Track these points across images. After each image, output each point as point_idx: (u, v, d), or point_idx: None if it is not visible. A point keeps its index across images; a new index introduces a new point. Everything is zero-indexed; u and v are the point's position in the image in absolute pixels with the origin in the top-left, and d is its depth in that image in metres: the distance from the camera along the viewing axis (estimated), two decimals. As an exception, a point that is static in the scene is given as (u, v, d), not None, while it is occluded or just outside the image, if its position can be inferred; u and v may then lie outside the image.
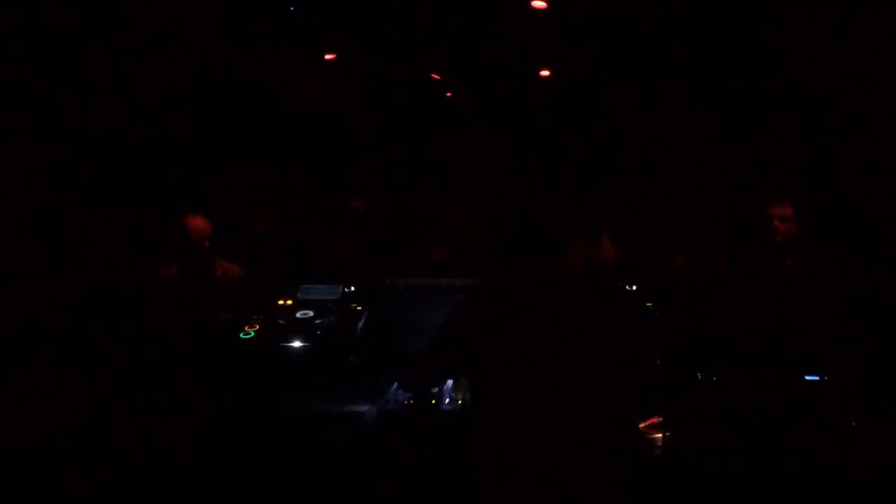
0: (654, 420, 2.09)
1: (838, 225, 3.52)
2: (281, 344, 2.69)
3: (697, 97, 6.03)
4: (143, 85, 4.42)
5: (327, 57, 6.99)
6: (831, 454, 2.01)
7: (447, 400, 2.39)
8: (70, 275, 3.16)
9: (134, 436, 2.35)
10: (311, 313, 2.77)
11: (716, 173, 5.36)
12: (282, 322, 2.76)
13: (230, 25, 5.34)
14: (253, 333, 2.74)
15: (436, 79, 8.01)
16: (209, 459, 2.31)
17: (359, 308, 2.86)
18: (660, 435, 2.06)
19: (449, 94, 8.40)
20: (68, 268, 3.24)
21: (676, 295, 2.61)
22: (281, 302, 2.84)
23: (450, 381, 2.52)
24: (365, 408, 2.48)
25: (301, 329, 2.72)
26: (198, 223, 3.16)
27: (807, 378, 2.19)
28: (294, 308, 2.81)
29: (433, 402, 2.38)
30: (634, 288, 2.60)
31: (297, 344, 2.69)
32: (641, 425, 2.08)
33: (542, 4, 5.41)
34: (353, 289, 2.91)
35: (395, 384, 2.53)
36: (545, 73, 7.63)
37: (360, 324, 2.83)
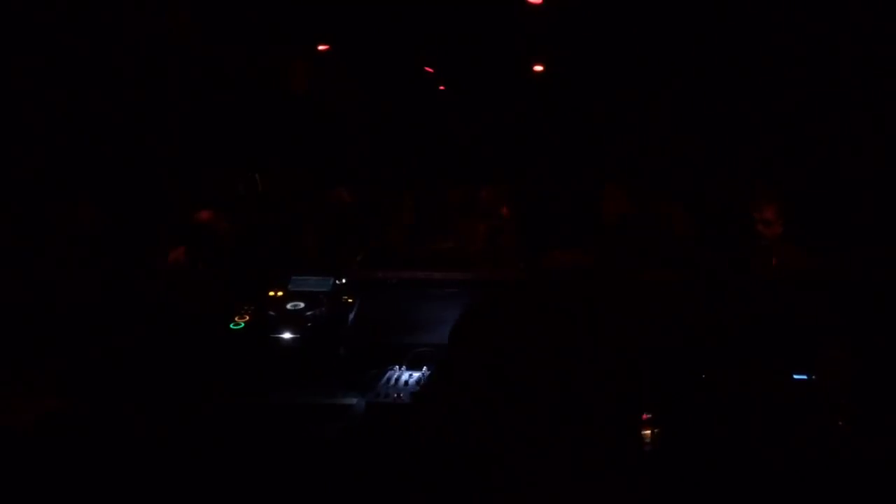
0: (643, 417, 2.10)
1: (829, 224, 3.55)
2: (271, 335, 2.68)
3: (690, 96, 6.05)
4: (134, 75, 4.39)
5: (321, 48, 6.97)
6: (818, 453, 2.03)
7: (437, 393, 2.39)
8: (59, 265, 3.14)
9: (121, 427, 2.34)
10: (301, 305, 2.76)
11: (705, 171, 5.38)
12: (272, 313, 2.75)
13: (223, 15, 5.31)
14: (243, 324, 2.73)
15: (429, 72, 8.02)
16: (197, 450, 2.30)
17: (350, 300, 2.85)
18: (648, 432, 2.07)
19: (442, 88, 8.42)
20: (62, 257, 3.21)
21: (666, 292, 2.61)
22: (272, 293, 2.83)
23: (440, 375, 2.53)
24: (354, 400, 2.48)
25: (292, 321, 2.71)
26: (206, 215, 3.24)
27: (795, 377, 2.21)
28: (285, 299, 2.80)
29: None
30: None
31: (287, 335, 2.68)
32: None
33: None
34: (344, 281, 2.90)
35: (385, 377, 2.54)
36: (539, 67, 7.65)
37: (351, 316, 2.82)
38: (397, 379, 2.51)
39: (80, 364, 2.59)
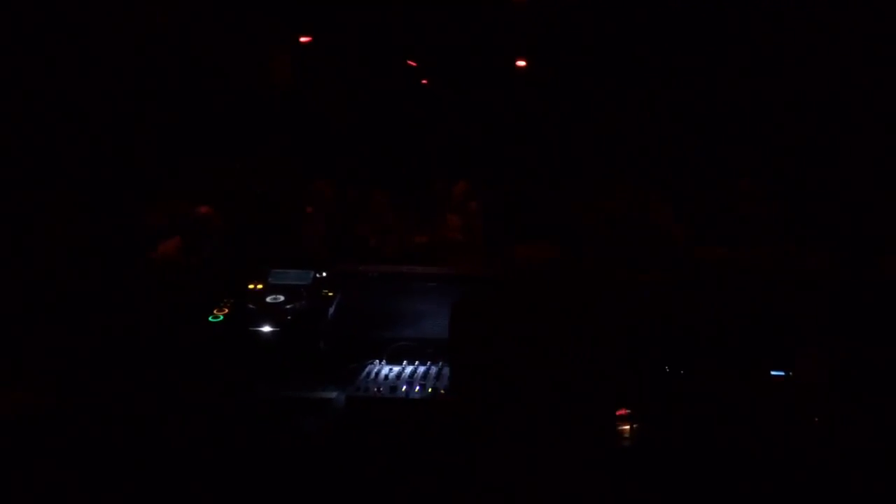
0: (622, 412, 2.11)
1: (813, 221, 3.58)
2: (250, 328, 2.67)
3: (673, 93, 6.08)
4: (115, 67, 4.34)
5: (303, 40, 6.93)
6: (794, 449, 2.05)
7: (417, 388, 2.39)
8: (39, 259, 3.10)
9: (95, 421, 2.31)
10: (281, 298, 2.75)
11: (691, 169, 5.41)
12: (252, 306, 2.73)
13: (204, 6, 5.26)
14: (222, 317, 2.71)
15: (412, 65, 8.01)
16: (175, 444, 2.28)
17: (330, 294, 2.84)
18: (627, 427, 2.08)
19: (425, 81, 8.40)
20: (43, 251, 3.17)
21: (646, 288, 2.62)
22: (251, 286, 2.81)
23: (420, 369, 2.53)
24: (334, 394, 2.47)
25: (271, 314, 2.70)
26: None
27: (772, 373, 2.23)
28: (264, 292, 2.78)
29: (403, 389, 2.38)
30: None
31: (266, 329, 2.66)
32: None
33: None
34: (324, 274, 2.88)
35: (365, 371, 2.53)
36: (521, 63, 7.66)
37: (331, 310, 2.81)
38: (377, 373, 2.50)
39: (55, 357, 2.56)
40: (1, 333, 2.63)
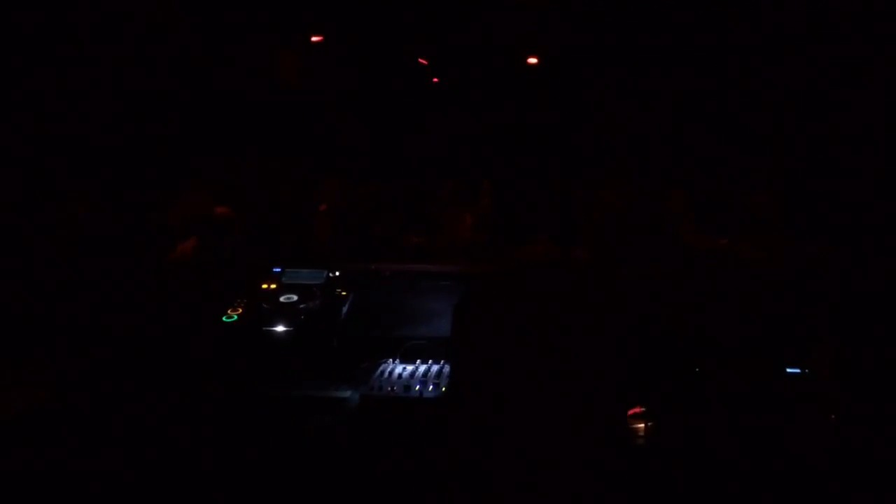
0: (637, 409, 2.11)
1: (824, 217, 3.56)
2: (264, 328, 2.68)
3: (674, 91, 6.06)
4: (122, 68, 4.36)
5: (314, 39, 6.94)
6: (810, 447, 2.04)
7: (431, 387, 2.39)
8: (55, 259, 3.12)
9: (110, 419, 2.33)
10: (295, 297, 2.76)
11: (700, 163, 5.39)
12: (265, 306, 2.74)
13: (215, 4, 5.28)
14: (236, 317, 2.72)
15: (423, 64, 8.01)
16: (190, 443, 2.29)
17: (343, 293, 2.84)
18: (642, 425, 2.08)
19: (436, 80, 8.39)
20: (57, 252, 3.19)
21: (661, 284, 2.61)
22: (265, 286, 2.82)
23: (434, 368, 2.52)
24: (348, 393, 2.47)
25: (285, 313, 2.70)
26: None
27: (789, 371, 2.22)
28: (278, 292, 2.79)
29: (417, 388, 2.38)
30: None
31: (280, 328, 2.67)
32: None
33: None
34: (337, 273, 2.89)
35: (379, 370, 2.53)
36: (533, 60, 7.65)
37: (345, 309, 2.82)
38: (391, 372, 2.50)
39: (70, 356, 2.58)
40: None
